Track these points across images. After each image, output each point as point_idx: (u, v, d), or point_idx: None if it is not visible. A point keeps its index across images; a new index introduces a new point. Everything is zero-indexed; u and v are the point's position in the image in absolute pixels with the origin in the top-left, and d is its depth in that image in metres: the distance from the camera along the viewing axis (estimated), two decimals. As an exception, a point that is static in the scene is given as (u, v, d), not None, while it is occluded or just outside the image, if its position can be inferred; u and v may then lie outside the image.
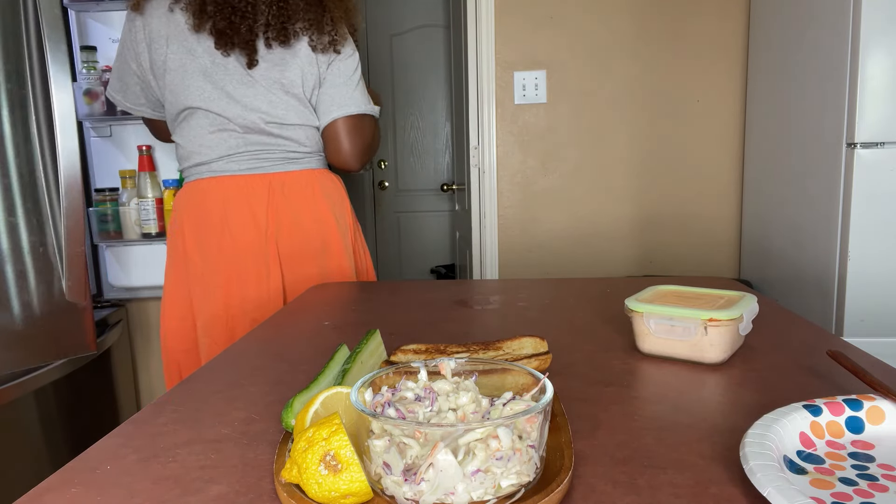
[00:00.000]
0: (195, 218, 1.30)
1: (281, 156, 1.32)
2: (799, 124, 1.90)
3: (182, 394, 0.69)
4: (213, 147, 1.29)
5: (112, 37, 1.97)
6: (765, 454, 0.45)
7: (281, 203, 1.30)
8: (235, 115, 1.28)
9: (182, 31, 1.26)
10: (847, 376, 0.67)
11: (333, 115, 1.32)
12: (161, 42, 1.26)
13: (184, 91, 1.27)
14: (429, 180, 3.84)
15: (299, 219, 1.32)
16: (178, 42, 1.26)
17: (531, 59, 2.38)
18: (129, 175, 2.00)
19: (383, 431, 0.43)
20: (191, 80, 1.26)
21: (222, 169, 1.29)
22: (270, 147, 1.31)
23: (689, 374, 0.70)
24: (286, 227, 1.30)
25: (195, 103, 1.27)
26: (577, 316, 0.97)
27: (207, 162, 1.30)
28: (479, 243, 2.50)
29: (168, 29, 1.26)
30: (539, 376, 0.49)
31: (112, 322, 1.90)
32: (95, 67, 1.94)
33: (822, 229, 1.74)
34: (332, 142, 1.35)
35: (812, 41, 1.81)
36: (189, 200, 1.31)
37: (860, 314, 1.64)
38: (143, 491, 0.48)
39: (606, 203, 2.45)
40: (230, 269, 1.28)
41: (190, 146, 1.29)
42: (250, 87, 1.28)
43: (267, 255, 1.29)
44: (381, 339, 0.71)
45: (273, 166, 1.31)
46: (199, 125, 1.28)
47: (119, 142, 2.02)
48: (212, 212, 1.28)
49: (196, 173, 1.32)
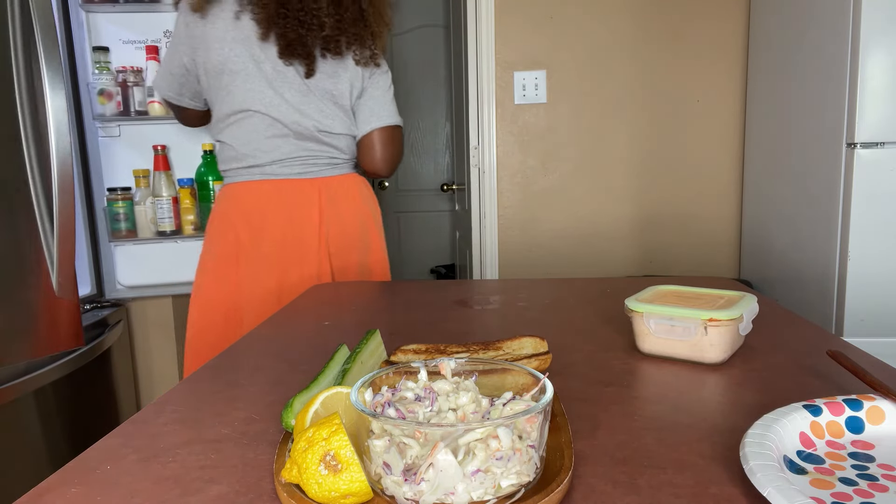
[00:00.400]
0: (249, 215, 1.36)
1: (326, 162, 1.42)
2: (799, 124, 1.90)
3: (182, 394, 0.69)
4: (267, 151, 1.36)
5: (123, 38, 1.98)
6: (765, 454, 0.45)
7: (328, 205, 1.41)
8: (292, 122, 1.36)
9: (247, 37, 1.32)
10: (847, 376, 0.67)
11: (372, 125, 1.43)
12: (222, 45, 1.32)
13: (244, 94, 1.33)
14: (429, 180, 3.84)
15: (344, 219, 1.43)
16: (243, 47, 1.32)
17: (531, 59, 2.38)
18: (143, 174, 2.01)
19: (383, 431, 0.43)
20: (253, 83, 1.33)
21: (275, 172, 1.37)
22: (318, 154, 1.40)
23: (689, 374, 0.70)
24: (335, 226, 1.41)
25: (255, 107, 1.34)
26: (577, 316, 0.97)
27: (261, 165, 1.37)
28: (479, 243, 2.50)
29: (232, 33, 1.32)
30: (539, 376, 0.49)
31: (112, 322, 1.90)
32: (109, 68, 1.95)
33: (822, 229, 1.74)
34: (369, 150, 1.45)
35: (812, 41, 1.81)
36: (243, 199, 1.38)
37: (860, 314, 1.64)
38: (143, 491, 0.48)
39: (606, 203, 2.45)
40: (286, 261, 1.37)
41: (244, 148, 1.36)
42: (305, 96, 1.36)
43: (319, 252, 1.40)
44: (381, 339, 0.72)
45: (320, 171, 1.41)
46: (256, 129, 1.35)
47: (129, 141, 2.03)
48: (267, 211, 1.37)
49: (247, 174, 1.39)
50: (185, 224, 2.02)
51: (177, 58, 1.37)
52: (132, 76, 1.95)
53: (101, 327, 1.83)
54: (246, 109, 1.34)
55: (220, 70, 1.33)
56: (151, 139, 2.00)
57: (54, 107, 1.39)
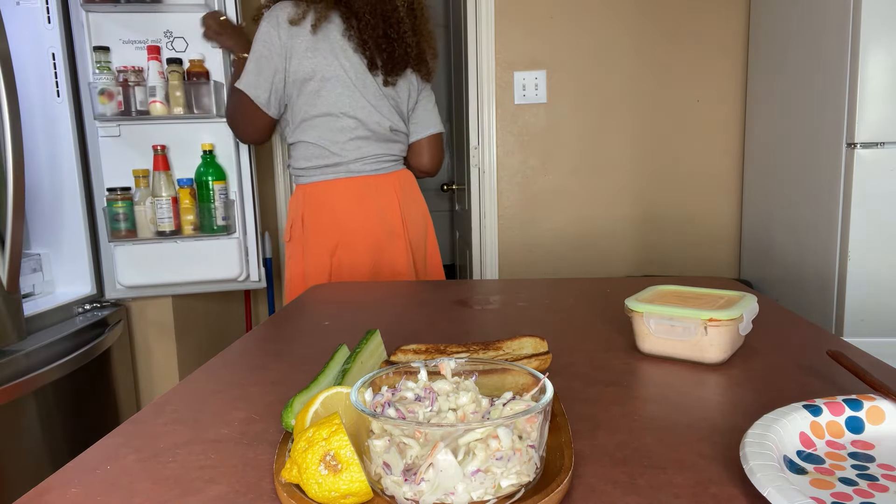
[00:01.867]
0: (344, 211, 1.53)
1: (394, 159, 1.63)
2: (799, 124, 1.90)
3: (182, 394, 0.69)
4: (350, 151, 1.53)
5: (124, 38, 1.98)
6: (765, 454, 0.45)
7: (403, 198, 1.62)
8: (374, 123, 1.54)
9: (334, 47, 1.48)
10: (847, 376, 0.67)
11: (426, 132, 1.67)
12: (315, 54, 1.47)
13: (335, 98, 1.49)
14: (429, 180, 3.82)
15: (413, 207, 1.64)
16: (333, 56, 1.48)
17: (531, 59, 2.38)
18: (143, 174, 2.00)
19: (383, 431, 0.43)
20: (342, 89, 1.49)
21: (358, 170, 1.54)
22: (387, 152, 1.60)
23: (689, 374, 0.70)
24: (409, 214, 1.62)
25: (343, 109, 1.50)
26: (577, 316, 0.97)
27: (345, 163, 1.53)
28: (479, 243, 2.50)
29: (322, 44, 1.47)
30: (539, 376, 0.49)
31: (112, 322, 1.90)
32: (109, 68, 1.94)
33: (822, 229, 1.74)
34: (419, 153, 1.69)
35: (812, 41, 1.81)
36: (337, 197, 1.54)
37: (860, 314, 1.64)
38: (143, 491, 0.48)
39: (606, 203, 2.45)
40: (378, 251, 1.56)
41: (331, 147, 1.52)
42: (381, 100, 1.55)
43: (404, 242, 1.61)
44: (381, 339, 0.71)
45: (388, 168, 1.61)
46: (341, 130, 1.51)
47: (129, 141, 2.03)
48: (360, 206, 1.54)
49: (332, 172, 1.54)
50: (185, 224, 2.02)
51: (271, 64, 1.48)
52: (133, 76, 1.95)
53: (101, 327, 1.83)
54: (333, 112, 1.50)
55: (311, 76, 1.47)
56: (151, 139, 1.99)
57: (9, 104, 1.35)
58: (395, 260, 1.58)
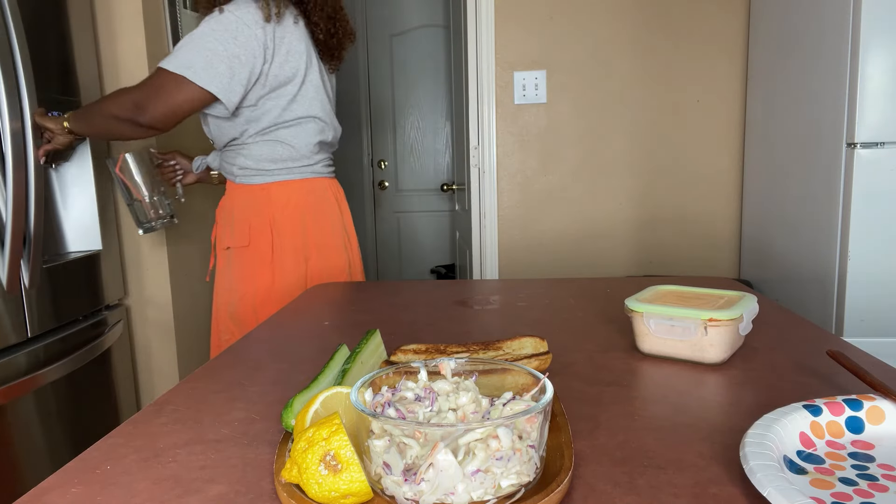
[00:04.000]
0: (311, 208, 1.50)
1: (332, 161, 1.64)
2: (799, 124, 1.90)
3: (182, 394, 0.69)
4: (317, 152, 1.53)
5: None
6: (765, 454, 0.45)
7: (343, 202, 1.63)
8: (335, 126, 1.57)
9: (309, 46, 1.45)
10: (847, 376, 0.67)
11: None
12: (296, 57, 1.41)
13: (310, 102, 1.46)
14: (429, 180, 3.84)
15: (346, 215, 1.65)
16: (312, 58, 1.45)
17: (531, 59, 2.38)
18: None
19: (383, 431, 0.43)
20: (319, 93, 1.48)
21: (320, 171, 1.54)
22: (332, 153, 1.63)
23: (689, 374, 0.70)
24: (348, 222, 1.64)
25: (318, 114, 1.48)
26: (577, 316, 0.97)
27: (313, 164, 1.52)
28: (479, 243, 2.50)
29: (303, 44, 1.43)
30: (539, 376, 0.49)
31: (112, 322, 1.90)
32: None
33: (822, 229, 1.74)
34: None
35: (812, 41, 1.81)
36: (308, 192, 1.51)
37: (860, 314, 1.64)
38: (143, 491, 0.48)
39: (606, 203, 2.45)
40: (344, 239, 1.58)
41: (303, 149, 1.49)
42: (333, 99, 1.58)
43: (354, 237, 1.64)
44: (381, 339, 0.71)
45: (333, 168, 1.62)
46: (313, 132, 1.49)
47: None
48: (329, 201, 1.55)
49: (298, 172, 1.50)
50: (185, 224, 2.02)
51: (247, 67, 1.34)
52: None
53: (101, 327, 1.83)
54: (312, 116, 1.47)
55: (287, 79, 1.41)
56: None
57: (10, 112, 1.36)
58: (354, 260, 1.59)
